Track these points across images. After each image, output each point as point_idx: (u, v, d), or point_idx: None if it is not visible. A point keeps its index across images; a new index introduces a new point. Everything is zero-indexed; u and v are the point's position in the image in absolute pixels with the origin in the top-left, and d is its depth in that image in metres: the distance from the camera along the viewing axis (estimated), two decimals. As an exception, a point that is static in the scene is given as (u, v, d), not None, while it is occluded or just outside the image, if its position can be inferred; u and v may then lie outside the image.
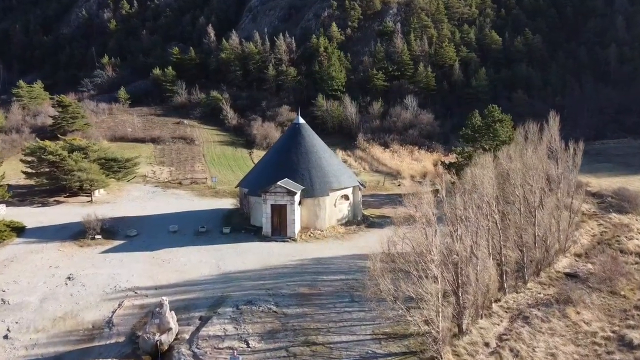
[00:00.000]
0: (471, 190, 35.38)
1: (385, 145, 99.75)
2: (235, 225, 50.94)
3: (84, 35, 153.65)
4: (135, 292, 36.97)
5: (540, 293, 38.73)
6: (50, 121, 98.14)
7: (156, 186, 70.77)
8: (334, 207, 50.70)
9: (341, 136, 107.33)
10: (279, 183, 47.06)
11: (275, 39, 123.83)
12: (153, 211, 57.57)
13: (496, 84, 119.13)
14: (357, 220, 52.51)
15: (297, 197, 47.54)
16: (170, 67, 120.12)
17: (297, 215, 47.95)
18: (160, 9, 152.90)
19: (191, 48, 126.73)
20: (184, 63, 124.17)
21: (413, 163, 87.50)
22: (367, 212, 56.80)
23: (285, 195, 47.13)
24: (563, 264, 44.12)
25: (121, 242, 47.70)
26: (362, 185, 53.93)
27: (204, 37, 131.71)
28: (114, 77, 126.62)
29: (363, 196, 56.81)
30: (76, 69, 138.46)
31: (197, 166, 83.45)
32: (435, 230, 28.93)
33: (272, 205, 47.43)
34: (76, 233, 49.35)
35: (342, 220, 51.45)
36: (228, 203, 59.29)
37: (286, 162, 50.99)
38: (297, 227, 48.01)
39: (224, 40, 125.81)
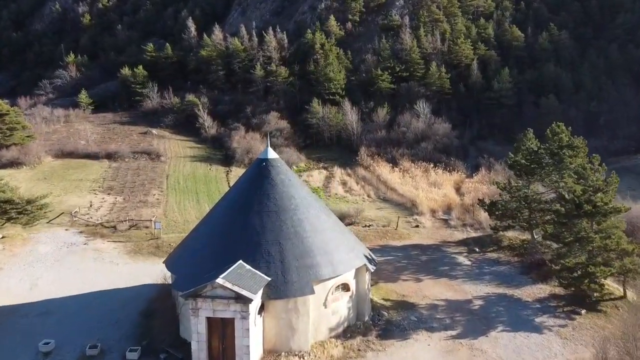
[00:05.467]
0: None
1: (394, 162, 76.38)
2: (154, 337, 27.86)
3: (56, 32, 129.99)
4: None
5: None
6: (-15, 133, 75.18)
7: (80, 232, 47.51)
8: (324, 309, 27.54)
9: (340, 149, 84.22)
10: (219, 280, 23.82)
11: (265, 34, 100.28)
12: (42, 292, 34.47)
13: (520, 86, 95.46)
14: (362, 325, 29.29)
15: (254, 304, 24.42)
16: (140, 67, 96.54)
17: (256, 337, 24.81)
18: (141, 1, 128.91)
19: (167, 45, 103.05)
20: (158, 62, 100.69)
21: (431, 190, 64.02)
22: (376, 295, 33.65)
23: (232, 303, 23.98)
24: None
25: None
26: (371, 260, 30.57)
27: (184, 32, 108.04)
28: (79, 78, 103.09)
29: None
30: (42, 69, 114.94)
31: (153, 194, 60.15)
32: None
33: (208, 319, 24.33)
34: None
35: (337, 328, 28.26)
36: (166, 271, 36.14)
37: (242, 229, 27.79)
38: (256, 358, 24.86)
39: (205, 36, 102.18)
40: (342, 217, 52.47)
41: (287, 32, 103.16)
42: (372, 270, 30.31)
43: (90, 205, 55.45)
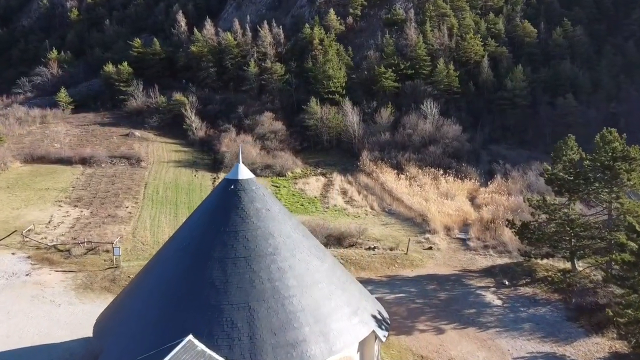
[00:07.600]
0: None
1: (399, 168, 67.41)
2: None
3: (43, 28, 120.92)
4: None
5: None
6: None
7: (28, 257, 38.64)
8: (314, 403, 18.52)
9: (340, 153, 75.32)
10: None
11: (259, 29, 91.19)
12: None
13: (534, 86, 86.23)
14: (369, 416, 20.35)
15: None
16: (125, 63, 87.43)
17: None
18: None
19: (155, 40, 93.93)
20: (146, 58, 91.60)
21: (443, 202, 54.96)
22: (386, 359, 24.70)
23: (168, 416, 15.00)
24: None
25: None
26: (382, 323, 21.54)
27: (173, 27, 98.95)
28: (61, 76, 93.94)
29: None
30: (27, 67, 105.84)
31: (126, 207, 51.17)
32: None
33: None
34: None
35: None
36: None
37: (195, 286, 18.77)
38: None
39: (196, 31, 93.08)
40: (342, 238, 43.76)
41: (283, 27, 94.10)
42: (384, 340, 21.27)
43: (49, 221, 46.55)
